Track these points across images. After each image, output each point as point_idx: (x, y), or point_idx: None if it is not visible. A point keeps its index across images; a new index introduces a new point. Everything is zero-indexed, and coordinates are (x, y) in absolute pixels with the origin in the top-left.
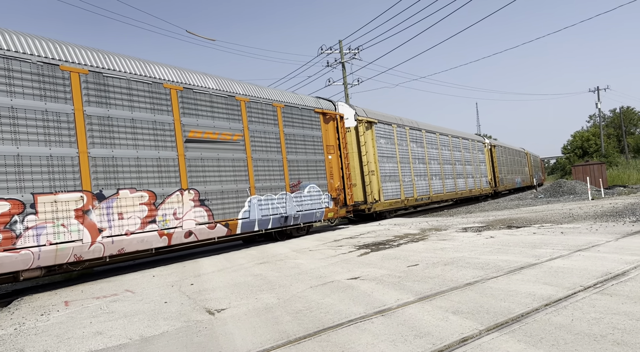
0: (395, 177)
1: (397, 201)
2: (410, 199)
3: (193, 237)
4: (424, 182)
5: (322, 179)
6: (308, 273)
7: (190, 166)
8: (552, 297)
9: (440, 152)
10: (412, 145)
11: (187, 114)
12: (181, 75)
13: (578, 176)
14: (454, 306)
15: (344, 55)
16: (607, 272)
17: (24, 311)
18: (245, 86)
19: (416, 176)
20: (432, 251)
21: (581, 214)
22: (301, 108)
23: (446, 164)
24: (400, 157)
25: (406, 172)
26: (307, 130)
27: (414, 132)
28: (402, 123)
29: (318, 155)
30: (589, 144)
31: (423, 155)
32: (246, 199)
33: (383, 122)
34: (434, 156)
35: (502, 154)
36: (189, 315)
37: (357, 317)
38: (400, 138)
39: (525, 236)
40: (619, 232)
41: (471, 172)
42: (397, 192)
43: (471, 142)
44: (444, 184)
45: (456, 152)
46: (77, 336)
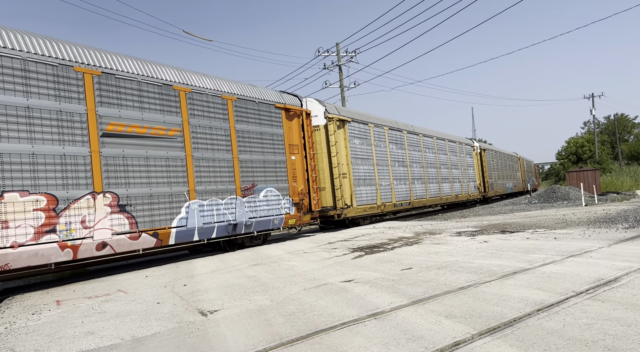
0: (371, 181)
1: (372, 207)
2: (388, 204)
3: (108, 249)
4: (405, 186)
5: (282, 182)
6: (302, 275)
7: (108, 165)
8: (545, 302)
9: (423, 154)
10: (391, 146)
11: (107, 103)
12: (100, 58)
13: (572, 181)
14: (447, 309)
15: (341, 58)
16: (599, 278)
17: (15, 310)
18: (187, 75)
19: (395, 179)
20: (426, 255)
21: (574, 220)
22: (258, 102)
23: (430, 167)
24: (377, 159)
25: (384, 175)
26: (266, 127)
27: (394, 133)
28: (380, 123)
29: (278, 155)
30: (583, 150)
31: (404, 157)
32: (183, 205)
33: (358, 121)
34: (416, 159)
35: (492, 158)
36: (181, 316)
37: (350, 320)
38: (378, 139)
39: (518, 241)
40: (611, 239)
41: (458, 177)
42: (372, 196)
43: (458, 145)
44: (427, 189)
45: (441, 155)
46: (68, 336)
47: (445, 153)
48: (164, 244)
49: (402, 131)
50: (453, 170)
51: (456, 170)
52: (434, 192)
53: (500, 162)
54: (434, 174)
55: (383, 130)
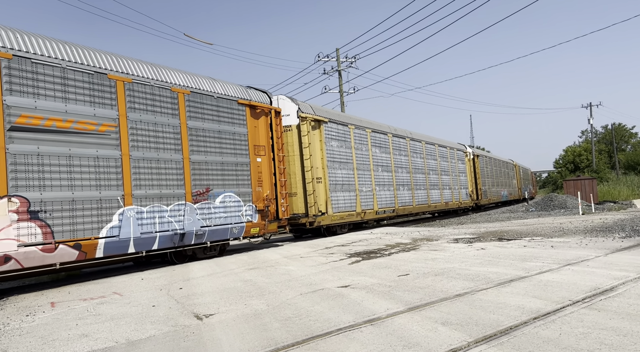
0: (351, 186)
1: (351, 214)
2: (369, 211)
3: (13, 264)
4: (389, 192)
5: (244, 186)
6: (298, 280)
7: (17, 164)
8: (541, 310)
9: (410, 159)
10: (374, 150)
11: (18, 91)
12: (12, 39)
13: (569, 190)
14: (444, 317)
15: (340, 64)
16: (595, 287)
17: (9, 311)
18: (128, 63)
19: (378, 185)
20: (423, 261)
21: (571, 229)
22: (217, 97)
23: (418, 173)
24: (358, 164)
25: (365, 180)
26: (226, 125)
27: (378, 136)
28: (361, 124)
29: (240, 157)
30: (581, 159)
31: (388, 162)
32: (116, 211)
33: (336, 121)
34: (403, 164)
35: (486, 165)
36: (176, 319)
37: (347, 326)
38: (359, 141)
39: (515, 248)
40: (608, 248)
41: (448, 183)
42: (351, 203)
43: (449, 151)
44: (413, 196)
45: (430, 161)
46: (62, 338)
47: (434, 158)
48: (89, 257)
49: (387, 134)
50: (443, 176)
51: (446, 177)
52: (422, 199)
53: (495, 169)
54: (422, 180)
55: (365, 133)
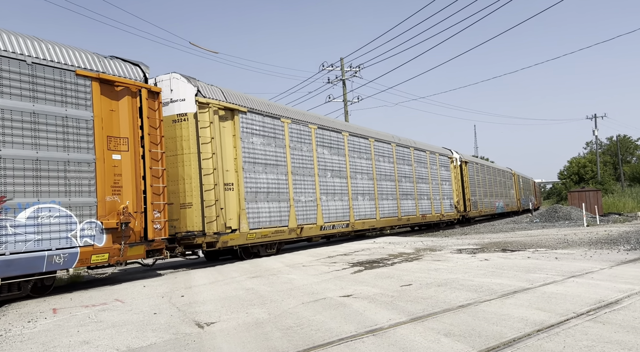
0: (282, 195)
1: (279, 230)
2: (309, 227)
3: None
4: (341, 202)
5: (82, 194)
6: (300, 289)
7: None
8: (545, 322)
9: (374, 163)
10: (321, 151)
11: None
12: None
13: (574, 201)
14: (446, 328)
15: (344, 73)
16: (600, 299)
17: (11, 317)
18: None
19: (326, 194)
20: (426, 271)
21: (576, 240)
22: (33, 63)
23: (385, 180)
24: (294, 167)
25: (305, 188)
26: (50, 105)
27: (328, 134)
28: (302, 119)
29: (77, 151)
30: (585, 170)
31: (342, 166)
32: None
33: (260, 112)
34: (364, 169)
35: (477, 173)
36: (177, 327)
37: (348, 336)
38: (298, 139)
39: (519, 259)
40: (613, 260)
41: (426, 192)
42: (281, 216)
43: (430, 155)
44: (377, 207)
45: (403, 166)
46: (63, 345)
47: (409, 163)
48: None
49: (341, 132)
50: (420, 184)
51: (424, 185)
52: (389, 211)
53: (489, 177)
54: (391, 189)
55: (308, 130)
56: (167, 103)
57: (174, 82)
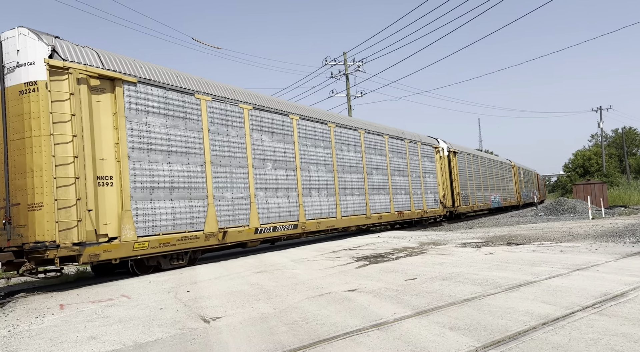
0: (195, 191)
1: (190, 236)
2: (237, 230)
3: None
4: (287, 200)
5: None
6: (305, 283)
7: None
8: (550, 316)
9: (335, 153)
10: (259, 137)
11: None
12: None
13: (579, 194)
14: (451, 321)
15: (348, 67)
16: (606, 292)
17: (19, 313)
18: None
19: (263, 189)
20: (431, 266)
21: (581, 233)
22: None
23: (349, 172)
24: (214, 156)
25: (232, 182)
26: None
27: (268, 117)
28: (228, 96)
29: None
30: (591, 163)
31: (290, 155)
32: None
33: (158, 84)
34: (320, 159)
35: (469, 164)
36: (184, 322)
37: (353, 330)
38: (223, 122)
39: (524, 253)
40: (618, 253)
41: (404, 186)
42: (194, 218)
43: (409, 144)
44: (338, 203)
45: (375, 156)
46: (70, 340)
47: (381, 153)
48: None
49: (288, 115)
50: (397, 177)
51: (402, 178)
52: (355, 208)
53: (483, 169)
54: (357, 182)
55: (239, 110)
56: (12, 68)
57: (21, 39)
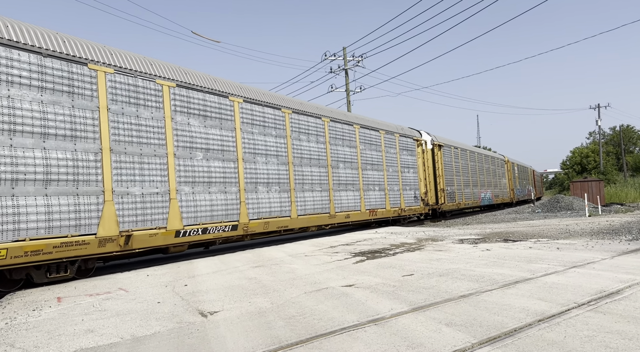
0: (84, 184)
1: (75, 242)
2: (149, 233)
3: None
4: (223, 196)
5: None
6: (303, 278)
7: None
8: (546, 313)
9: (290, 143)
10: (182, 120)
11: None
12: None
13: (576, 192)
14: (448, 317)
15: (347, 62)
16: (601, 290)
17: (16, 306)
18: None
19: (191, 182)
20: (428, 261)
21: (578, 231)
22: None
23: (309, 165)
24: (117, 141)
25: (144, 173)
26: None
27: (199, 98)
28: (146, 70)
29: None
30: (588, 160)
31: (229, 144)
32: None
33: (27, 49)
34: (271, 150)
35: (456, 159)
36: (181, 316)
37: (350, 326)
38: (128, 100)
39: (521, 250)
40: (614, 250)
41: (378, 182)
42: (85, 218)
43: (386, 136)
44: (293, 200)
45: (342, 148)
46: (68, 333)
47: (351, 145)
48: None
49: (227, 97)
50: (369, 171)
51: (375, 172)
52: (316, 206)
53: (472, 164)
54: (319, 177)
55: (154, 87)
56: None
57: None
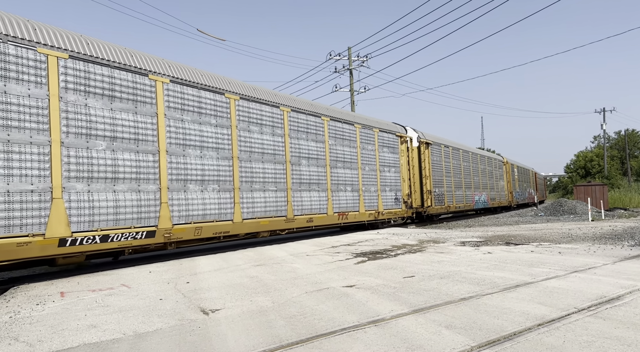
0: None
1: None
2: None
3: None
4: (135, 195)
5: None
6: (304, 278)
7: None
8: (546, 317)
9: (235, 134)
10: (74, 99)
11: None
12: None
13: (579, 196)
14: (448, 320)
15: (352, 62)
16: (602, 295)
17: (20, 300)
18: None
19: (87, 178)
20: (429, 263)
21: (580, 235)
22: None
23: (263, 161)
24: None
25: (13, 165)
26: None
27: (96, 72)
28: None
29: None
30: (592, 164)
31: (148, 133)
32: None
33: None
34: (208, 141)
35: (446, 158)
36: (183, 313)
37: (351, 326)
38: None
39: (522, 253)
40: (616, 256)
41: (350, 181)
42: None
43: (362, 131)
44: (237, 201)
45: (306, 142)
46: (71, 328)
47: (318, 139)
48: None
49: (145, 75)
50: (340, 169)
51: (347, 171)
52: (269, 209)
53: (465, 165)
54: (274, 174)
55: (33, 59)
56: None
57: None
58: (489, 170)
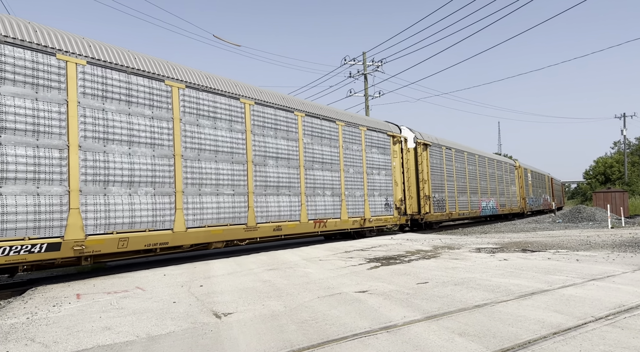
0: None
1: None
2: None
3: None
4: (30, 200)
5: None
6: (316, 283)
7: None
8: (562, 325)
9: (178, 128)
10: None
11: None
12: None
13: (599, 202)
14: (461, 327)
15: (367, 67)
16: (620, 304)
17: (37, 301)
18: None
19: None
20: (443, 270)
21: (599, 242)
22: None
23: (217, 160)
24: None
25: None
26: None
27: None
28: None
29: None
30: (612, 170)
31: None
32: None
33: None
34: (145, 136)
35: (448, 161)
36: (196, 317)
37: (362, 332)
38: None
39: (539, 260)
40: (636, 264)
41: (331, 185)
42: None
43: (344, 128)
44: (180, 207)
45: (274, 140)
46: (86, 330)
47: (291, 138)
48: None
49: (54, 54)
50: (317, 171)
51: (327, 173)
52: (225, 215)
53: (471, 168)
54: (235, 176)
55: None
56: None
57: None
58: (499, 174)
